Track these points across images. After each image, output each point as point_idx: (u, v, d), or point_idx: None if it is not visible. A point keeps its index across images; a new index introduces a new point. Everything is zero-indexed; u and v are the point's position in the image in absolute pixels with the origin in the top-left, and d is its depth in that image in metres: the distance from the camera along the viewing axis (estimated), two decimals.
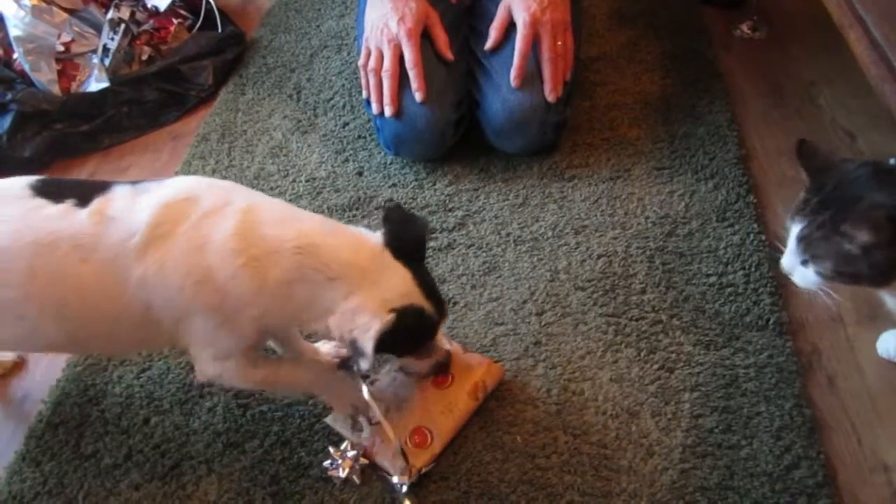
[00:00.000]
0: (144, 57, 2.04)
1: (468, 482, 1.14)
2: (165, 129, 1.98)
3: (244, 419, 1.25)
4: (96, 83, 1.94)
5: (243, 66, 2.10)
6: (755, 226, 1.46)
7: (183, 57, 2.02)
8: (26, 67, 1.91)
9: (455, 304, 1.39)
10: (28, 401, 1.35)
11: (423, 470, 1.14)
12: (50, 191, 1.04)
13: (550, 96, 1.57)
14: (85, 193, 1.03)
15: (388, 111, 1.61)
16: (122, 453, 1.23)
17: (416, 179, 1.66)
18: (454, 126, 1.64)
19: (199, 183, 1.07)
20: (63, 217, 1.01)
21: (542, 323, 1.35)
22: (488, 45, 1.61)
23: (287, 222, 1.03)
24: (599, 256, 1.45)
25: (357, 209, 1.61)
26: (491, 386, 1.23)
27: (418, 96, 1.57)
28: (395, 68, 1.58)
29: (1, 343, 1.12)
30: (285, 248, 1.00)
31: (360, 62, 1.65)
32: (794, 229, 1.05)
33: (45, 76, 1.92)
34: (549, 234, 1.51)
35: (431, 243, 1.47)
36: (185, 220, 1.00)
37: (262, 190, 1.68)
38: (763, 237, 1.44)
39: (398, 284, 1.02)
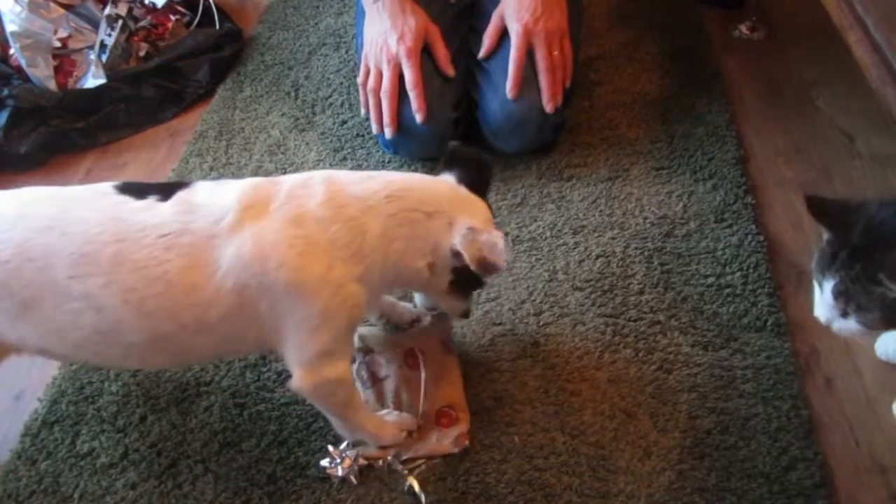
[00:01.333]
0: (142, 53, 2.03)
1: (466, 482, 1.14)
2: (163, 125, 1.97)
3: (241, 418, 1.25)
4: (93, 79, 1.94)
5: (241, 64, 2.10)
6: (753, 227, 1.46)
7: (180, 54, 2.02)
8: (23, 63, 1.91)
9: None
10: (24, 398, 1.35)
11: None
12: (132, 189, 1.05)
13: (548, 107, 1.56)
14: (166, 190, 1.05)
15: (387, 133, 1.61)
16: (119, 452, 1.22)
17: None
18: (453, 125, 1.64)
19: (275, 178, 1.09)
20: (147, 209, 1.02)
21: (540, 323, 1.34)
22: (482, 53, 1.60)
23: (369, 179, 1.07)
24: (598, 257, 1.45)
25: None
26: (448, 336, 1.29)
27: (418, 117, 1.56)
28: (394, 89, 1.57)
29: (76, 349, 1.07)
30: (378, 198, 1.04)
31: (360, 80, 1.64)
32: (827, 285, 1.02)
33: (42, 72, 1.91)
34: (548, 233, 1.50)
35: None
36: (275, 198, 1.02)
37: None
38: (761, 238, 1.44)
39: (482, 212, 1.10)
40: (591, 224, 1.51)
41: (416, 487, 1.12)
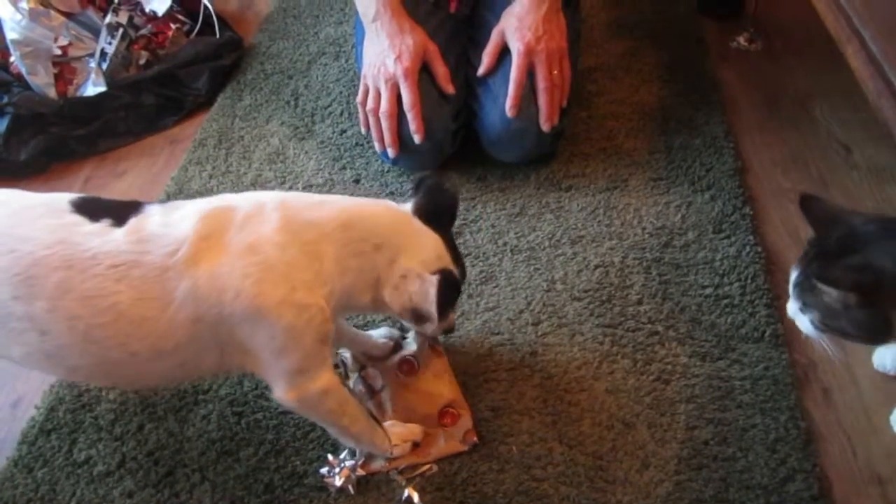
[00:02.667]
0: (142, 61, 2.03)
1: (464, 492, 1.13)
2: (162, 133, 1.97)
3: (238, 427, 1.25)
4: (93, 87, 1.94)
5: (241, 72, 2.10)
6: (751, 238, 1.47)
7: (180, 62, 2.02)
8: (23, 70, 1.91)
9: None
10: (21, 406, 1.35)
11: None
12: (88, 209, 1.02)
13: (545, 126, 1.57)
14: (120, 214, 1.02)
15: (390, 153, 1.62)
16: (116, 460, 1.22)
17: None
18: (452, 136, 1.64)
19: (224, 197, 1.07)
20: (99, 235, 0.99)
21: (539, 333, 1.35)
22: (481, 71, 1.60)
23: (322, 205, 1.07)
24: (596, 267, 1.45)
25: None
26: (434, 339, 1.30)
27: (416, 138, 1.56)
28: (392, 109, 1.57)
29: (21, 360, 1.07)
30: (332, 226, 1.03)
31: (359, 99, 1.65)
32: (792, 275, 1.06)
33: (42, 80, 1.92)
34: (546, 243, 1.51)
35: None
36: (230, 227, 1.00)
37: None
38: (759, 249, 1.45)
39: (431, 248, 1.09)
40: (589, 234, 1.52)
41: (416, 498, 1.12)
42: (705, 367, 1.27)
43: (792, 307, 1.08)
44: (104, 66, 1.95)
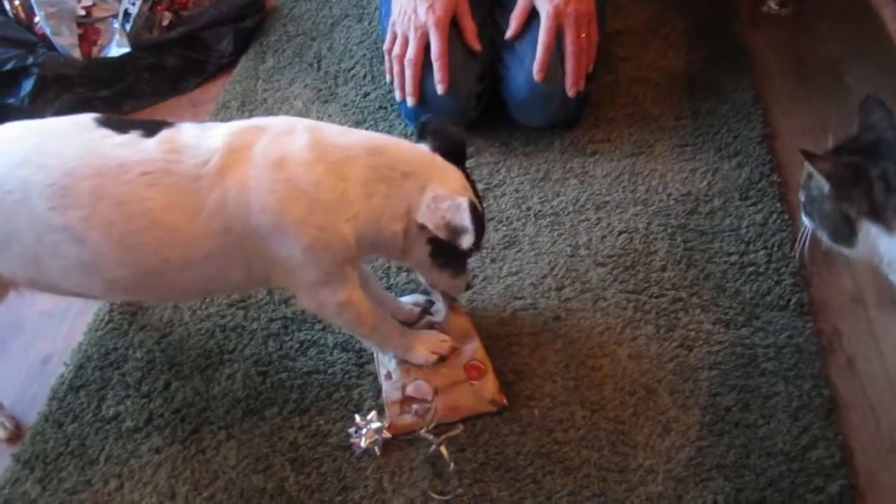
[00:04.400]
0: (165, 23, 2.03)
1: (486, 454, 1.15)
2: (185, 96, 1.98)
3: (263, 386, 1.26)
4: (117, 48, 1.94)
5: (264, 34, 2.09)
6: (778, 205, 1.45)
7: (203, 23, 2.01)
8: (47, 31, 1.91)
9: (474, 277, 1.39)
10: (51, 363, 1.37)
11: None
12: (115, 124, 1.04)
13: (571, 91, 1.55)
14: (150, 127, 1.03)
15: (409, 101, 1.61)
16: (143, 417, 1.24)
17: None
18: (476, 99, 1.63)
19: (259, 119, 1.09)
20: (130, 144, 1.01)
21: (562, 298, 1.35)
22: (509, 34, 1.58)
23: (350, 133, 1.09)
24: (620, 233, 1.44)
25: None
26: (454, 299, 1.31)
27: (440, 88, 1.55)
28: (419, 57, 1.56)
29: (44, 278, 1.07)
30: (358, 151, 1.04)
31: (385, 46, 1.64)
32: (809, 169, 1.09)
33: (67, 40, 1.92)
34: (570, 209, 1.50)
35: None
36: (259, 143, 1.02)
37: None
38: (786, 217, 1.43)
39: (457, 179, 1.10)
40: (614, 200, 1.51)
41: (446, 454, 1.13)
42: (729, 334, 1.26)
43: (801, 192, 1.12)
44: (128, 27, 1.95)
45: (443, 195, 1.06)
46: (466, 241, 1.04)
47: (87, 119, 1.05)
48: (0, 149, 1.04)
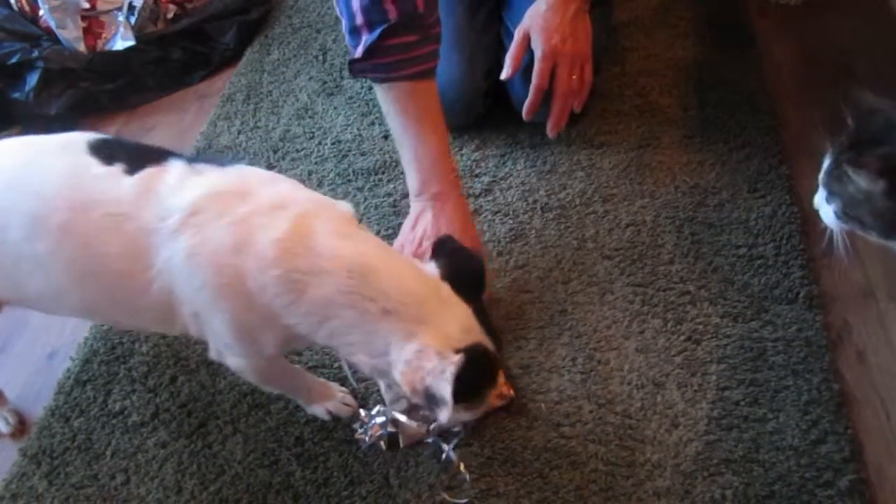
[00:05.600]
0: (170, 15, 2.02)
1: (492, 448, 1.14)
2: (191, 88, 1.98)
3: None
4: (122, 41, 1.93)
5: (269, 27, 2.08)
6: (787, 197, 1.44)
7: (208, 16, 2.01)
8: (52, 24, 1.91)
9: None
10: (56, 357, 1.37)
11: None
12: (105, 151, 1.00)
13: (551, 133, 1.52)
14: (137, 160, 0.98)
15: None
16: (150, 411, 1.24)
17: None
18: (483, 96, 1.62)
19: (260, 177, 1.00)
20: (107, 179, 0.97)
21: (569, 291, 1.34)
22: (504, 75, 1.51)
23: (344, 238, 0.94)
24: (627, 225, 1.43)
25: (383, 173, 1.60)
26: None
27: None
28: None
29: (26, 300, 1.10)
30: (337, 268, 0.92)
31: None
32: (825, 164, 1.05)
33: (71, 34, 1.92)
34: (577, 201, 1.49)
35: None
36: (230, 214, 0.93)
37: (288, 152, 1.68)
38: (795, 209, 1.42)
39: (458, 322, 0.94)
40: (621, 192, 1.50)
41: (455, 459, 1.13)
42: (737, 327, 1.25)
43: (818, 196, 1.07)
44: (132, 20, 1.95)
45: (428, 352, 0.90)
46: (442, 416, 0.88)
47: (80, 141, 1.02)
48: None
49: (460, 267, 0.99)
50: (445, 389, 0.87)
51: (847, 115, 1.05)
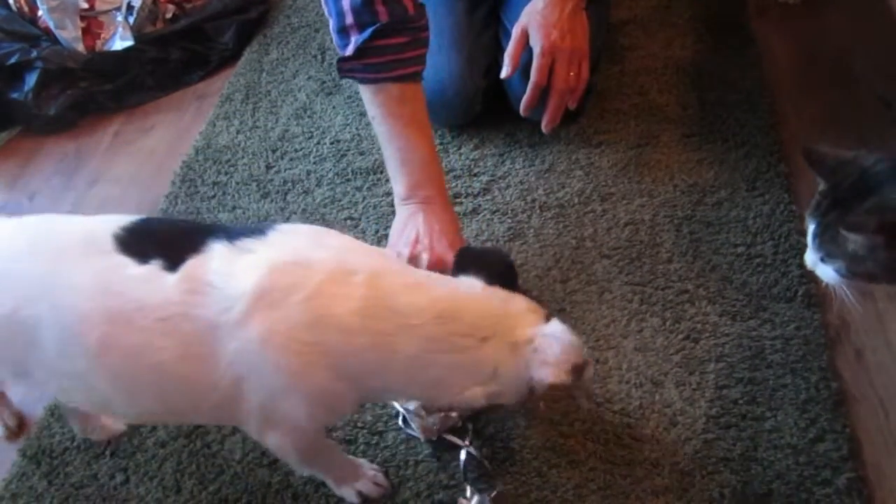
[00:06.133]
0: (168, 15, 2.02)
1: (491, 447, 1.14)
2: (189, 88, 1.97)
3: None
4: (121, 41, 1.93)
5: (267, 26, 2.08)
6: (786, 196, 1.44)
7: (207, 16, 2.01)
8: (51, 24, 1.91)
9: None
10: None
11: None
12: (136, 246, 0.90)
13: (546, 129, 1.51)
14: (175, 251, 0.89)
15: None
16: None
17: (441, 143, 1.64)
18: (482, 93, 1.62)
19: (307, 237, 0.94)
20: (148, 281, 0.87)
21: (567, 290, 1.34)
22: (504, 74, 1.51)
23: (417, 291, 0.91)
24: (626, 224, 1.43)
25: (381, 172, 1.60)
26: None
27: None
28: None
29: (83, 405, 1.08)
30: (423, 318, 0.88)
31: None
32: (810, 227, 1.03)
33: (70, 34, 1.92)
34: (575, 200, 1.49)
35: (456, 208, 1.46)
36: (299, 290, 0.86)
37: (287, 152, 1.69)
38: (793, 207, 1.42)
39: (527, 306, 0.95)
40: (619, 191, 1.50)
41: (477, 454, 1.12)
42: (736, 326, 1.26)
43: (811, 258, 1.05)
44: (131, 19, 1.95)
45: (541, 344, 0.90)
46: (588, 372, 0.92)
47: (104, 234, 0.91)
48: (9, 271, 0.92)
49: (495, 268, 0.99)
50: (581, 352, 0.91)
51: (815, 175, 1.03)
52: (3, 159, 1.86)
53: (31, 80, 1.83)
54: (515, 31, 1.49)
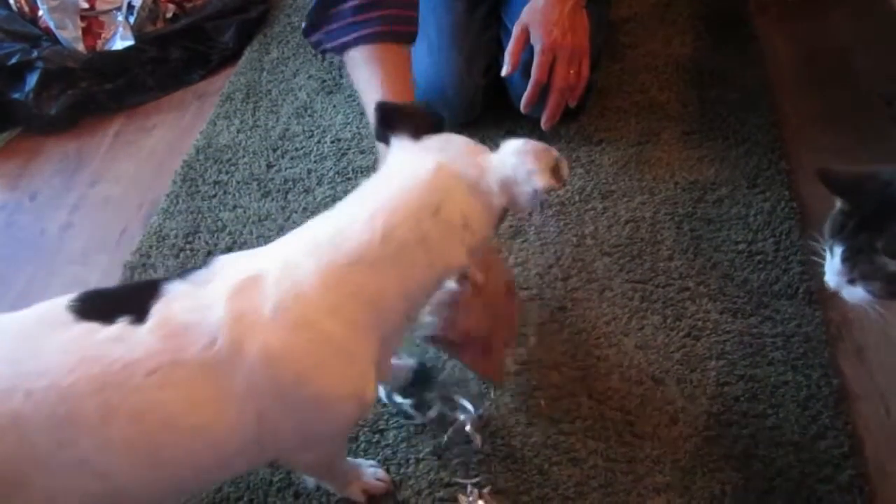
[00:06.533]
0: (169, 15, 2.02)
1: (492, 445, 1.14)
2: (190, 88, 1.97)
3: None
4: (121, 41, 1.94)
5: (268, 25, 2.08)
6: (786, 193, 1.44)
7: (207, 15, 2.01)
8: (51, 25, 1.91)
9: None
10: None
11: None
12: (95, 310, 0.84)
13: (545, 126, 1.50)
14: (136, 304, 0.84)
15: None
16: None
17: None
18: (482, 93, 1.62)
19: (243, 257, 0.89)
20: (122, 339, 0.81)
21: (568, 288, 1.34)
22: (504, 72, 1.50)
23: (352, 225, 0.86)
24: (627, 222, 1.43)
25: None
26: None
27: None
28: None
29: None
30: (373, 251, 0.85)
31: None
32: (837, 251, 0.99)
33: (70, 33, 1.92)
34: (576, 198, 1.49)
35: None
36: (264, 299, 0.83)
37: (287, 151, 1.69)
38: (794, 205, 1.42)
39: (465, 141, 0.93)
40: (620, 189, 1.50)
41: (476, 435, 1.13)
42: (737, 323, 1.25)
43: (837, 280, 1.00)
44: (131, 19, 1.95)
45: (511, 161, 0.87)
46: (564, 169, 0.88)
47: (58, 310, 0.84)
48: None
49: (420, 120, 0.95)
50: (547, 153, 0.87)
51: (835, 196, 1.00)
52: (4, 159, 1.86)
53: (32, 80, 1.83)
54: (516, 30, 1.49)
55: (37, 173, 1.81)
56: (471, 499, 1.07)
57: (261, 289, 0.83)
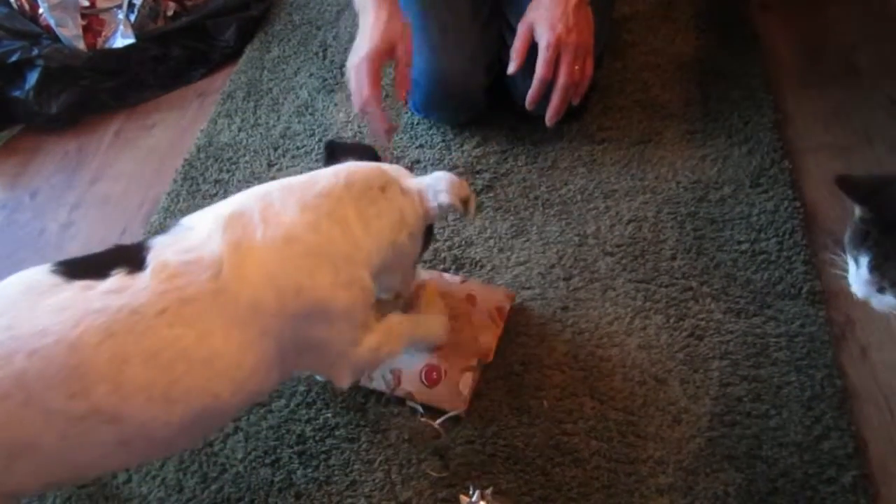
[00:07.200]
0: (169, 13, 2.02)
1: (494, 445, 1.14)
2: (191, 86, 1.97)
3: None
4: (122, 39, 1.93)
5: (269, 23, 2.08)
6: (790, 192, 1.43)
7: (208, 13, 2.00)
8: (52, 23, 1.90)
9: (482, 267, 1.38)
10: None
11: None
12: (84, 270, 0.87)
13: (550, 122, 1.49)
14: (128, 259, 0.88)
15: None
16: None
17: (444, 141, 1.63)
18: (485, 92, 1.61)
19: (226, 204, 0.99)
20: (124, 288, 0.85)
21: (570, 288, 1.33)
22: (510, 70, 1.49)
23: (317, 177, 1.02)
24: (629, 221, 1.43)
25: None
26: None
27: (386, 137, 1.45)
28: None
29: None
30: (340, 190, 1.00)
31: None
32: (863, 261, 0.97)
33: (71, 32, 1.91)
34: (578, 197, 1.48)
35: None
36: (254, 228, 0.93)
37: (288, 150, 1.68)
38: (797, 204, 1.41)
39: (399, 170, 1.12)
40: (622, 188, 1.49)
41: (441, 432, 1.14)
42: (740, 323, 1.25)
43: (866, 290, 0.98)
44: (132, 17, 1.94)
45: (429, 180, 1.08)
46: (471, 204, 1.11)
47: (41, 276, 0.86)
48: None
49: (361, 153, 1.14)
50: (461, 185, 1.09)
51: (854, 205, 0.98)
52: (5, 158, 1.86)
53: (33, 78, 1.82)
54: (521, 27, 1.48)
55: (37, 172, 1.81)
56: (473, 499, 1.06)
57: (247, 220, 0.94)
